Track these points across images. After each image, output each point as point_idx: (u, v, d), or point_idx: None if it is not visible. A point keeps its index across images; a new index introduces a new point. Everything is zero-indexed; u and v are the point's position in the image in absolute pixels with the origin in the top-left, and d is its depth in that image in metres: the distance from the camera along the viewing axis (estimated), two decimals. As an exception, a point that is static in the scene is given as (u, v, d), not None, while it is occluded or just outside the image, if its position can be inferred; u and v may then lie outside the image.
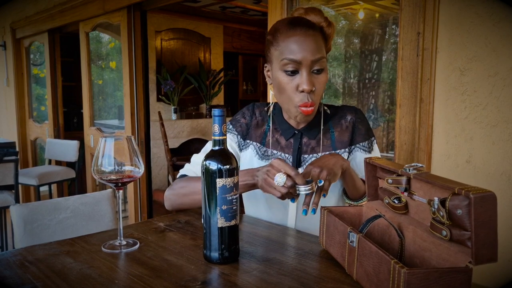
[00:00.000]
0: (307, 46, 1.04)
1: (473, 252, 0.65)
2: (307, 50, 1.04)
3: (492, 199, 0.63)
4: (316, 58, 1.05)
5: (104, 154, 0.96)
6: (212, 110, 0.86)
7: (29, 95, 4.92)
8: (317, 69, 1.06)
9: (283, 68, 1.07)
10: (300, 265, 0.88)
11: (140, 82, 3.33)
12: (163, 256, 0.93)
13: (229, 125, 1.25)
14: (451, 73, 1.54)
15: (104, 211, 1.60)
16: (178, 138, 5.30)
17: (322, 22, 1.11)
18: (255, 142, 1.22)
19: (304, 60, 1.04)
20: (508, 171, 1.40)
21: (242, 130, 1.24)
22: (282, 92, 1.10)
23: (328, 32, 1.12)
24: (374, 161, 0.92)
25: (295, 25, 1.07)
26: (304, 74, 1.05)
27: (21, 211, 1.41)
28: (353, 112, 1.20)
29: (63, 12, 3.93)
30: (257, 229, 1.14)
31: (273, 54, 1.11)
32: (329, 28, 1.12)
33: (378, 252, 0.70)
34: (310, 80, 1.05)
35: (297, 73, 1.06)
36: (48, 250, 0.97)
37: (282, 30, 1.08)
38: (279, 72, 1.08)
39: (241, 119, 1.24)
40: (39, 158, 5.01)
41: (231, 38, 6.22)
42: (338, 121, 1.19)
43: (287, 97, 1.09)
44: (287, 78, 1.07)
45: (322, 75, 1.08)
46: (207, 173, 0.86)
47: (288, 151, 1.19)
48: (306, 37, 1.05)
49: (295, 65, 1.05)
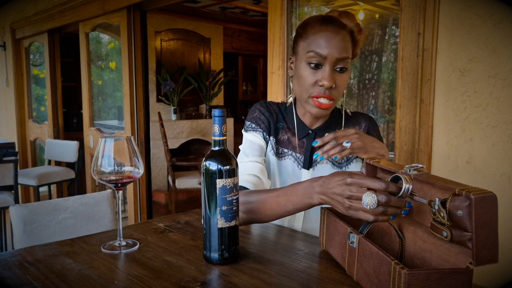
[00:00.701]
0: (336, 43, 1.05)
1: (473, 253, 0.65)
2: (334, 47, 1.05)
3: (493, 200, 0.63)
4: (342, 57, 1.05)
5: (103, 154, 0.96)
6: (212, 110, 0.86)
7: (29, 96, 4.92)
8: (340, 67, 1.07)
9: (308, 60, 1.07)
10: (300, 266, 0.88)
11: (139, 83, 3.33)
12: (163, 257, 0.92)
13: (251, 125, 1.20)
14: (451, 73, 1.54)
15: (104, 212, 1.60)
16: (177, 138, 5.30)
17: (354, 27, 1.12)
18: (272, 137, 1.20)
19: (329, 56, 1.05)
20: (508, 172, 1.40)
21: (265, 126, 1.21)
22: (302, 85, 1.10)
23: (358, 38, 1.13)
24: (374, 162, 0.91)
25: (327, 22, 1.08)
26: (327, 70, 1.06)
27: (21, 211, 1.41)
28: (368, 120, 1.22)
29: (63, 13, 3.92)
30: (257, 230, 1.14)
31: (300, 46, 1.11)
32: (359, 34, 1.13)
33: (378, 253, 0.70)
34: (332, 76, 1.06)
35: (320, 67, 1.07)
36: (47, 250, 0.97)
37: (313, 24, 1.09)
38: (303, 64, 1.09)
39: (261, 116, 1.21)
40: (39, 158, 5.01)
41: (231, 38, 6.22)
42: (353, 127, 1.19)
43: (305, 89, 1.09)
44: (309, 71, 1.08)
45: (344, 74, 1.08)
46: (207, 173, 0.86)
47: (300, 151, 1.18)
48: (336, 34, 1.06)
49: (320, 59, 1.06)
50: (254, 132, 1.19)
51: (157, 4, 3.12)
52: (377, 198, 0.75)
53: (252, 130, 1.19)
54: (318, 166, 1.17)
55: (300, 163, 1.18)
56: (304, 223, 1.19)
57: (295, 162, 1.18)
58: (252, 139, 1.18)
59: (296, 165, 1.18)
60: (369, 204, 0.76)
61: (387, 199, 0.75)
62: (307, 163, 1.17)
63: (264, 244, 1.02)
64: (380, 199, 0.75)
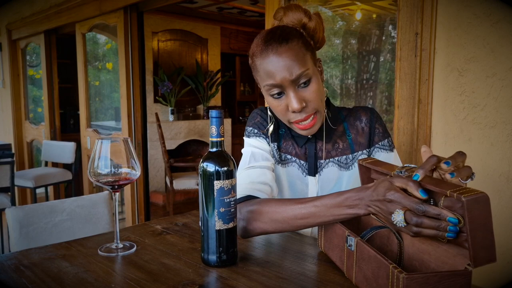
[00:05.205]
0: (283, 64, 0.97)
1: (471, 254, 0.64)
2: (284, 70, 0.97)
3: (485, 200, 0.62)
4: (296, 76, 0.97)
5: (100, 156, 0.95)
6: (209, 111, 0.85)
7: (25, 97, 4.91)
8: (303, 82, 1.00)
9: (268, 92, 1.03)
10: (299, 268, 0.87)
11: (137, 84, 3.32)
12: (160, 260, 0.92)
13: (253, 130, 1.15)
14: (449, 73, 1.54)
15: (101, 214, 1.59)
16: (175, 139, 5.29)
17: (303, 18, 1.05)
18: (274, 144, 1.16)
19: (283, 81, 0.98)
20: (507, 172, 1.40)
21: (268, 132, 1.16)
22: (276, 113, 1.06)
23: (312, 26, 1.05)
24: (367, 163, 0.91)
25: (268, 44, 1.00)
26: (290, 95, 1.00)
27: (17, 213, 1.40)
28: (368, 113, 1.15)
29: (59, 13, 3.91)
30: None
31: (257, 79, 1.07)
32: (311, 22, 1.05)
33: (376, 257, 0.70)
34: (297, 97, 0.99)
35: (283, 94, 1.01)
36: (43, 253, 0.96)
37: (256, 53, 1.03)
38: (267, 97, 1.05)
39: (263, 122, 1.16)
40: (36, 160, 4.99)
41: (228, 39, 6.22)
42: (353, 123, 1.15)
43: (282, 117, 1.06)
44: (276, 102, 1.03)
45: (311, 86, 1.01)
46: (204, 175, 0.85)
47: (303, 158, 1.15)
48: (280, 55, 0.97)
49: (277, 88, 1.00)
50: (258, 137, 1.15)
51: (154, 4, 3.11)
52: (404, 217, 0.71)
53: (255, 135, 1.15)
54: (324, 171, 1.14)
55: (304, 170, 1.14)
56: (315, 228, 1.14)
57: (300, 169, 1.14)
58: (257, 145, 1.14)
59: (300, 172, 1.14)
60: (396, 221, 0.72)
61: (417, 221, 0.69)
62: (312, 170, 1.14)
63: (263, 246, 1.01)
64: (408, 219, 0.70)
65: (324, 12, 2.24)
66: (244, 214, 0.97)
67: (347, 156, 1.13)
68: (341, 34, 2.33)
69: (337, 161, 1.14)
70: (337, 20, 2.35)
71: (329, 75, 2.32)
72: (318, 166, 1.14)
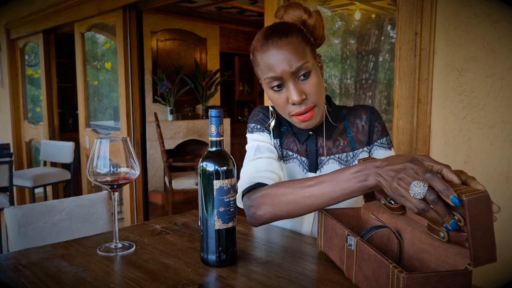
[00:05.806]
0: (284, 57, 0.99)
1: (471, 254, 0.64)
2: (284, 63, 0.99)
3: (486, 199, 0.63)
4: (296, 68, 0.99)
5: (99, 155, 0.95)
6: (208, 111, 0.85)
7: (24, 96, 4.90)
8: (302, 74, 1.01)
9: (268, 85, 1.04)
10: (299, 268, 0.87)
11: (135, 83, 3.31)
12: (159, 259, 0.92)
13: (256, 126, 1.17)
14: (449, 73, 1.54)
15: (100, 213, 1.59)
16: (174, 139, 5.29)
17: (303, 15, 1.07)
18: (276, 140, 1.17)
19: (283, 73, 1.00)
20: (506, 171, 1.40)
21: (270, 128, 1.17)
22: (277, 107, 1.08)
23: (312, 23, 1.08)
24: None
25: (268, 38, 1.03)
26: (289, 87, 1.01)
27: (16, 213, 1.40)
28: (369, 111, 1.17)
29: (58, 13, 3.90)
30: (255, 231, 1.13)
31: (258, 74, 1.09)
32: (311, 19, 1.08)
33: (376, 256, 0.69)
34: (297, 90, 1.01)
35: (282, 86, 1.03)
36: (42, 253, 0.95)
37: (257, 48, 1.06)
38: (268, 90, 1.06)
39: (266, 118, 1.18)
40: (34, 159, 4.98)
41: (228, 39, 6.21)
42: (354, 121, 1.17)
43: (281, 110, 1.07)
44: (276, 95, 1.05)
45: (310, 79, 1.02)
46: (204, 175, 0.85)
47: (304, 154, 1.16)
48: (280, 48, 1.00)
49: (278, 80, 1.02)
50: (261, 132, 1.16)
51: (153, 4, 3.10)
52: (427, 192, 0.68)
53: (258, 131, 1.16)
54: (325, 168, 1.14)
55: (305, 167, 1.15)
56: (314, 226, 1.15)
57: (300, 166, 1.15)
58: (261, 139, 1.15)
59: (301, 168, 1.15)
60: (415, 193, 0.69)
61: (434, 199, 0.68)
62: (313, 166, 1.14)
63: (262, 246, 1.01)
64: (428, 196, 0.68)
65: (323, 12, 2.24)
66: (253, 200, 0.98)
67: (348, 153, 1.15)
68: (340, 34, 2.33)
69: (337, 158, 1.15)
70: (336, 20, 2.35)
71: (328, 75, 2.32)
72: (319, 162, 1.15)
